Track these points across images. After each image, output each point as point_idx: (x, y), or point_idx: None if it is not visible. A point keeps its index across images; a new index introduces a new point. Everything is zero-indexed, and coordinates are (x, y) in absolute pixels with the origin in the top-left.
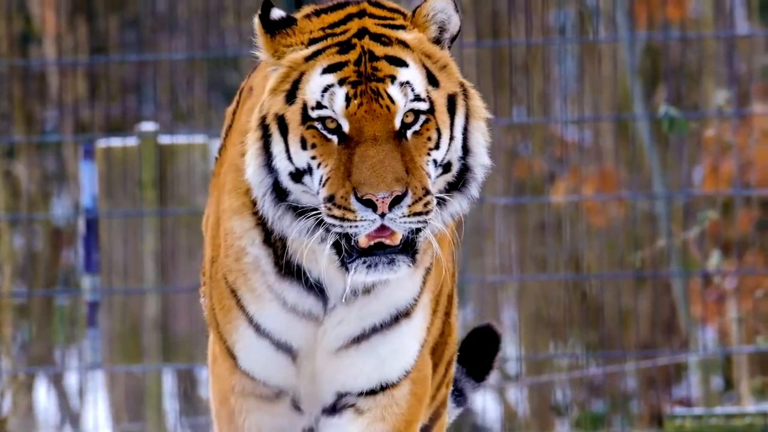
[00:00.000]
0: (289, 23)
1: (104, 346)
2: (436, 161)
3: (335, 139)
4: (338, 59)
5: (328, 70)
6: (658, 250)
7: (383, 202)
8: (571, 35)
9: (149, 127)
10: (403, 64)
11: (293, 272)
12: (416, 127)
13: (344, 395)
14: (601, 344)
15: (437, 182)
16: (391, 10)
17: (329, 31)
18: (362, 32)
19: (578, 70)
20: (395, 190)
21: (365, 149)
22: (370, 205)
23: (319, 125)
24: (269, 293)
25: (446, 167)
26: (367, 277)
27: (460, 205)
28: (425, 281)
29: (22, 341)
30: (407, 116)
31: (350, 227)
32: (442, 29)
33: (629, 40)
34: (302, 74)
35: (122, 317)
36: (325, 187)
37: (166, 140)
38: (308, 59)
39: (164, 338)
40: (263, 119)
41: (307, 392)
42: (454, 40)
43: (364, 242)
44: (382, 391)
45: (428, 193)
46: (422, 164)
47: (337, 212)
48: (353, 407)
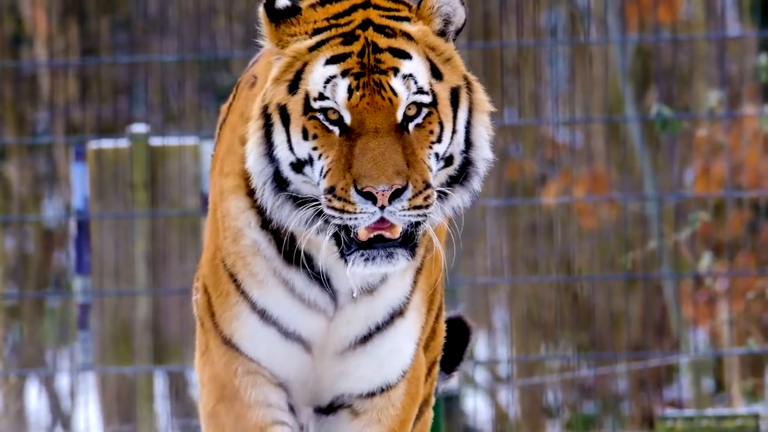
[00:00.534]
0: (293, 12)
1: (95, 347)
2: (437, 155)
3: (337, 130)
4: (342, 50)
5: (331, 61)
6: (649, 251)
7: (383, 195)
8: (562, 37)
9: (140, 128)
10: (406, 56)
11: (298, 259)
12: (418, 120)
13: (341, 395)
14: (592, 346)
15: (439, 175)
16: (396, 1)
17: (333, 21)
18: (366, 23)
19: (569, 71)
20: (395, 183)
21: (366, 141)
22: (370, 197)
23: (320, 116)
24: (273, 278)
25: (448, 161)
26: (365, 269)
27: (461, 198)
28: (416, 281)
29: (13, 343)
30: (410, 109)
31: (350, 219)
32: (447, 22)
33: (620, 41)
34: (305, 64)
35: (113, 319)
36: (325, 178)
37: (157, 142)
38: (312, 49)
39: (155, 340)
40: (265, 108)
41: (309, 389)
42: (459, 33)
43: (363, 235)
44: (380, 393)
45: (429, 186)
46: (423, 157)
47: (337, 204)
48: (349, 408)
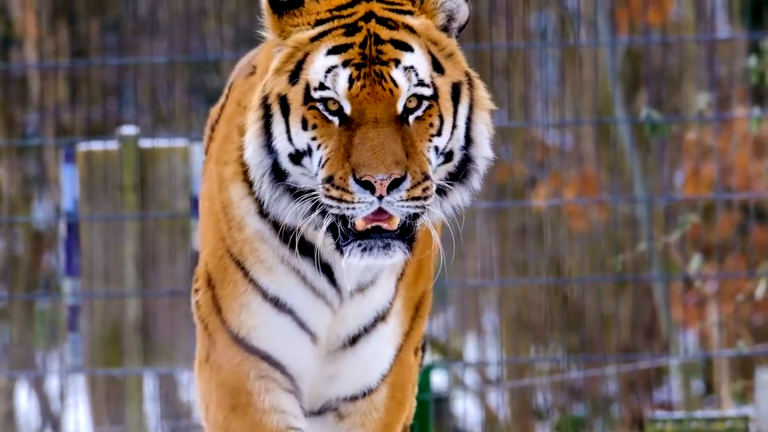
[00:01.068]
0: (296, 3)
1: (85, 349)
2: (437, 148)
3: (336, 120)
4: (343, 41)
5: (332, 51)
6: (639, 253)
7: (381, 184)
8: (552, 39)
9: (130, 130)
10: (408, 48)
11: (303, 248)
12: (419, 112)
13: (329, 398)
14: (582, 348)
15: (438, 171)
16: None
17: (336, 13)
18: (369, 15)
19: (559, 73)
20: (394, 172)
21: (366, 131)
22: (368, 186)
23: (320, 106)
24: (282, 266)
25: (448, 156)
26: (361, 260)
27: (461, 197)
28: (397, 287)
29: (2, 345)
30: (410, 101)
31: (347, 209)
32: (450, 17)
33: (610, 43)
34: (307, 55)
35: (103, 321)
36: (324, 168)
37: (146, 144)
38: (314, 40)
39: (145, 342)
40: (265, 99)
41: (311, 390)
42: (462, 29)
43: (360, 225)
44: (363, 397)
45: (427, 178)
46: (423, 149)
47: (335, 193)
48: (335, 411)
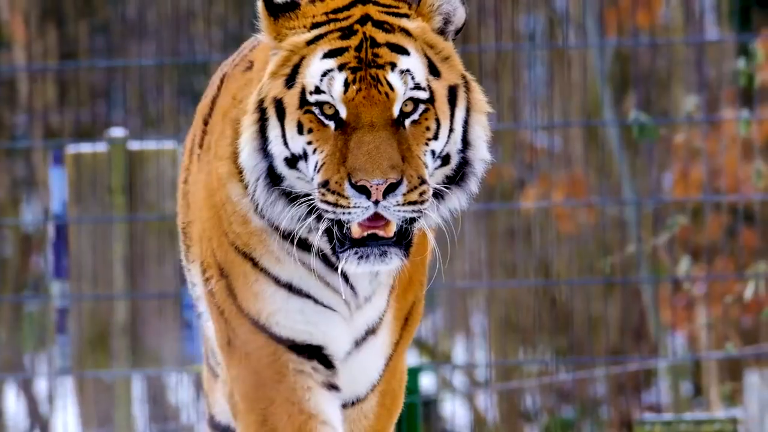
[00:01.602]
0: (292, 6)
1: (73, 351)
2: (434, 152)
3: (332, 124)
4: (339, 44)
5: (328, 54)
6: (627, 256)
7: (377, 188)
8: (540, 41)
9: (118, 132)
10: (404, 51)
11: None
12: (415, 116)
13: None
14: (570, 350)
15: (435, 174)
16: None
17: (332, 16)
18: (365, 18)
19: (548, 75)
20: (390, 177)
21: (362, 135)
22: (364, 191)
23: (316, 110)
24: (289, 257)
25: (445, 159)
26: (358, 267)
27: (458, 200)
28: (388, 299)
29: None
30: (406, 105)
31: (343, 213)
32: (446, 20)
33: (599, 46)
34: (303, 58)
35: (91, 323)
36: (319, 172)
37: (135, 146)
38: (309, 43)
39: (133, 344)
40: (261, 102)
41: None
42: (459, 32)
43: (357, 232)
44: (352, 405)
45: (424, 182)
46: (419, 153)
47: (330, 198)
48: None
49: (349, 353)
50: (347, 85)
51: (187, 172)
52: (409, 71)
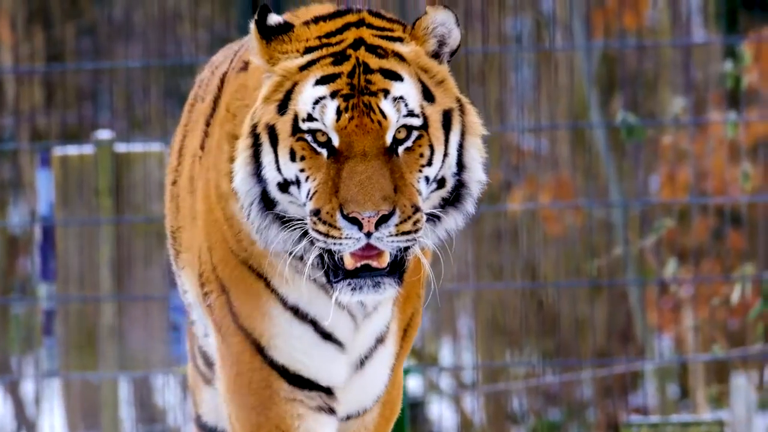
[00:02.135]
0: (285, 29)
1: (60, 353)
2: (428, 178)
3: (325, 152)
4: (332, 70)
5: (320, 81)
6: (614, 258)
7: (369, 221)
8: (527, 43)
9: (105, 134)
10: (397, 77)
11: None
12: (408, 143)
13: None
14: (557, 352)
15: (432, 197)
16: (390, 20)
17: (325, 40)
18: (358, 43)
19: (535, 78)
20: (382, 209)
21: (354, 165)
22: (355, 222)
23: (309, 138)
24: (298, 275)
25: (440, 183)
26: (351, 298)
27: (455, 221)
28: (393, 310)
29: None
30: (399, 132)
31: (334, 244)
32: (441, 43)
33: (586, 48)
34: (295, 84)
35: (78, 325)
36: (311, 200)
37: (122, 148)
38: (302, 69)
39: (120, 346)
40: (254, 127)
41: (343, 396)
42: (454, 54)
43: (350, 264)
44: (356, 416)
45: (418, 210)
46: (413, 181)
47: (322, 228)
48: None
49: (362, 364)
50: (339, 113)
51: (175, 173)
52: (402, 98)
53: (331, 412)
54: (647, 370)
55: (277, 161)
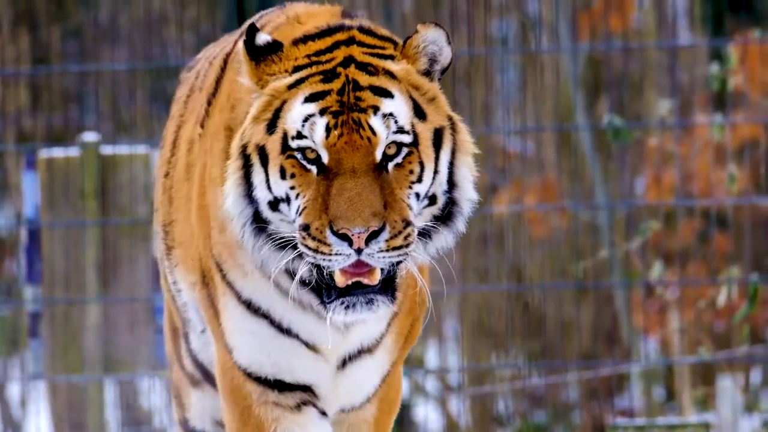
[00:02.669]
0: (274, 49)
1: (46, 356)
2: (418, 194)
3: (314, 169)
4: (321, 88)
5: (309, 99)
6: (600, 260)
7: (359, 237)
8: (513, 45)
9: (91, 137)
10: (388, 95)
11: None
12: (398, 159)
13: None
14: (543, 355)
15: (423, 213)
16: (382, 38)
17: (315, 58)
18: (348, 60)
19: (520, 80)
20: (372, 225)
21: (343, 182)
22: (345, 239)
23: (298, 155)
24: (258, 271)
25: (432, 200)
26: (346, 317)
27: (445, 239)
28: (390, 323)
29: None
30: (389, 148)
31: (323, 260)
32: (433, 61)
33: (572, 50)
34: (284, 102)
35: (64, 327)
36: (301, 216)
37: (108, 150)
38: (291, 87)
39: (106, 348)
40: (244, 148)
41: (328, 393)
42: (445, 71)
43: (341, 281)
44: (350, 410)
45: (409, 224)
46: (403, 197)
47: (311, 243)
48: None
49: (343, 366)
50: (329, 130)
51: (168, 165)
52: (392, 115)
53: (315, 407)
54: (633, 372)
55: (267, 180)
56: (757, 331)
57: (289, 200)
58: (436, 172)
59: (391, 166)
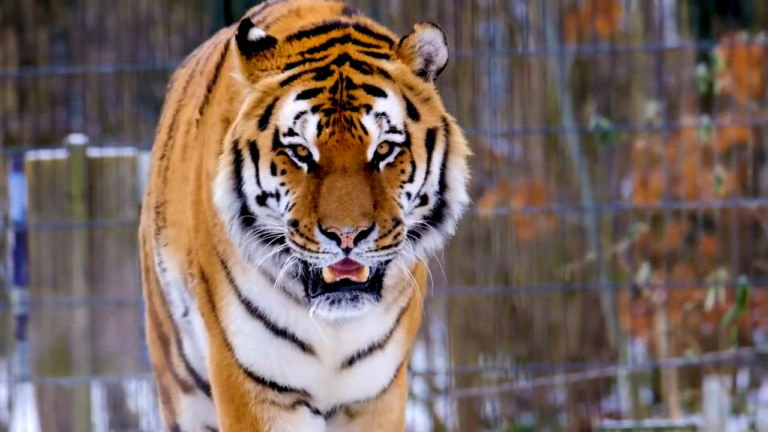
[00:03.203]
0: (267, 45)
1: (33, 358)
2: (410, 194)
3: (305, 167)
4: (314, 85)
5: (302, 96)
6: (587, 263)
7: (347, 237)
8: (500, 48)
9: (78, 139)
10: (381, 94)
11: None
12: (390, 158)
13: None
14: (530, 357)
15: (415, 213)
16: (378, 36)
17: (308, 55)
18: (342, 58)
19: (507, 82)
20: (360, 225)
21: (334, 180)
22: (334, 238)
23: (289, 152)
24: (255, 268)
25: (423, 200)
26: (329, 313)
27: (434, 240)
28: (399, 319)
29: None
30: (381, 147)
31: (310, 257)
32: (428, 61)
33: (559, 53)
34: (276, 99)
35: (51, 330)
36: (290, 211)
37: (95, 153)
38: (283, 84)
39: (93, 351)
40: (236, 144)
41: (324, 393)
42: (440, 71)
43: (329, 277)
44: (367, 401)
45: (399, 223)
46: (394, 195)
47: (299, 240)
48: (346, 409)
49: (350, 364)
50: (320, 127)
51: (164, 148)
52: (384, 114)
53: (308, 406)
54: (620, 374)
55: (257, 175)
56: (743, 333)
57: (278, 196)
58: (428, 172)
59: (382, 165)
